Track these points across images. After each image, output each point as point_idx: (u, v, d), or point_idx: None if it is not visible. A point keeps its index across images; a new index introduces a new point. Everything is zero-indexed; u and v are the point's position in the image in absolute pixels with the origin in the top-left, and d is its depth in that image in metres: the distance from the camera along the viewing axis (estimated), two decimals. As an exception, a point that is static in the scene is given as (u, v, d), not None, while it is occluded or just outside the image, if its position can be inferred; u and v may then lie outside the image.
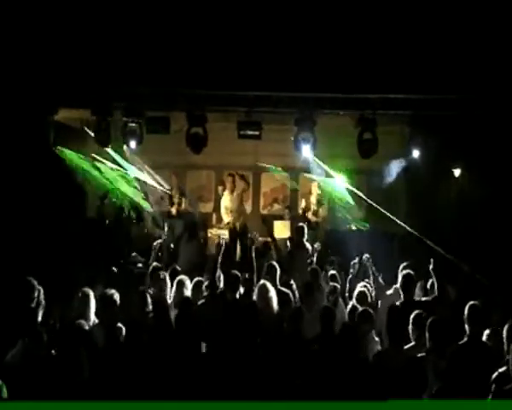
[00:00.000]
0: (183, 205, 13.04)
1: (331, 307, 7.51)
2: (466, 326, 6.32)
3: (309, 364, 6.14)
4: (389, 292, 8.24)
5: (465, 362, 5.92)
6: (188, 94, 10.61)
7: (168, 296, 8.11)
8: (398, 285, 7.95)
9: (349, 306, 7.84)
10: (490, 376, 5.53)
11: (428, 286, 8.22)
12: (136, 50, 9.97)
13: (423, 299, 7.82)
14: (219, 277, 8.20)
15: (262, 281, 8.03)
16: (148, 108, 11.06)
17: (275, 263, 8.89)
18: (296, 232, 11.04)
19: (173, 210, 12.88)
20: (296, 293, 8.44)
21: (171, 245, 10.90)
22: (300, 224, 11.26)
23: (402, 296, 7.70)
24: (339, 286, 8.70)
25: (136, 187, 13.17)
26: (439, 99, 10.29)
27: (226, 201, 13.13)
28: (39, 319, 6.88)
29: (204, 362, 6.05)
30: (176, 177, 13.43)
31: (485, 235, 10.91)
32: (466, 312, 6.38)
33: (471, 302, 6.48)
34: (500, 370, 5.57)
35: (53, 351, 6.06)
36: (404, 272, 7.87)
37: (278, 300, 7.71)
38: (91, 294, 7.13)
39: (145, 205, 13.17)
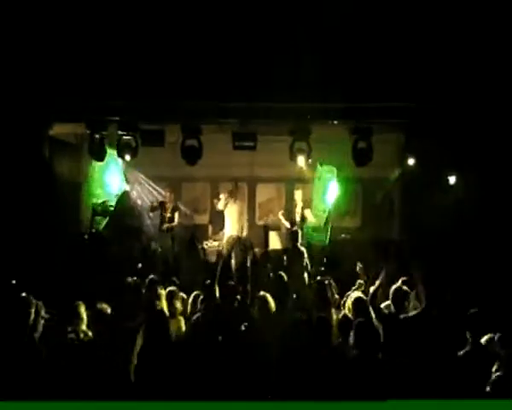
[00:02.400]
0: (176, 220, 13.01)
1: (326, 317, 7.47)
2: (467, 334, 6.33)
3: (307, 375, 6.11)
4: (382, 305, 8.20)
5: (471, 369, 5.94)
6: (182, 107, 10.60)
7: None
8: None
9: (341, 314, 7.79)
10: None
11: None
12: (130, 64, 9.99)
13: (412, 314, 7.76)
14: (215, 289, 8.16)
15: (262, 292, 7.98)
16: (143, 121, 11.09)
17: (283, 274, 8.86)
18: (291, 238, 11.02)
19: (165, 224, 12.88)
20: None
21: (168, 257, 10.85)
22: (295, 228, 11.24)
23: (393, 309, 7.69)
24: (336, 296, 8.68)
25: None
26: (433, 107, 10.30)
27: (233, 211, 12.97)
28: (38, 333, 6.85)
29: (200, 374, 6.01)
30: (171, 191, 13.36)
31: (482, 241, 10.90)
32: (467, 320, 6.39)
33: (472, 310, 6.48)
34: (497, 373, 5.62)
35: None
36: (394, 286, 7.88)
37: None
38: (83, 307, 7.12)
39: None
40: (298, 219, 12.89)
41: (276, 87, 9.94)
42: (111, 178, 13.11)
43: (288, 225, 12.80)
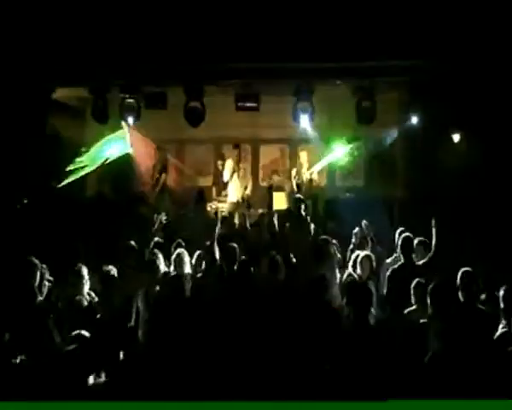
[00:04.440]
0: (162, 180, 12.95)
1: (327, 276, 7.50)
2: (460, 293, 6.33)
3: (312, 332, 6.16)
4: (388, 260, 8.24)
5: (461, 328, 5.95)
6: (184, 68, 10.57)
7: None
8: (397, 252, 7.97)
9: (345, 274, 7.83)
10: (486, 339, 5.61)
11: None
12: (132, 27, 9.93)
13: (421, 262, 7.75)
14: (216, 250, 8.21)
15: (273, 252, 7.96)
16: (145, 83, 11.07)
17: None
18: (293, 204, 11.03)
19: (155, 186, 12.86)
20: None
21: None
22: (298, 195, 11.26)
23: (402, 259, 7.71)
24: (339, 256, 8.68)
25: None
26: (437, 65, 10.23)
27: (229, 173, 13.02)
28: (42, 296, 6.92)
29: (204, 338, 6.06)
30: (158, 151, 13.28)
31: (485, 200, 10.91)
32: (459, 278, 6.38)
33: (464, 269, 6.46)
34: (502, 330, 5.66)
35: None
36: (403, 235, 7.89)
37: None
38: (85, 270, 7.16)
39: None
40: (305, 180, 12.88)
41: (277, 47, 9.88)
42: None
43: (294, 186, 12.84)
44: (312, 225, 10.58)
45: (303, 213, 10.61)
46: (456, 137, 11.94)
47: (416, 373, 5.24)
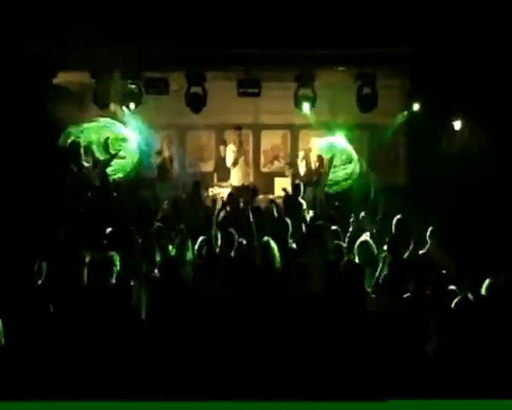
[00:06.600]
0: (171, 169, 12.93)
1: (336, 262, 7.49)
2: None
3: (313, 319, 6.19)
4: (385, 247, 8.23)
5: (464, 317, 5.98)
6: (186, 54, 10.56)
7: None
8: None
9: (344, 259, 7.83)
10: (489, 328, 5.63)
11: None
12: (133, 11, 9.90)
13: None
14: (216, 236, 8.20)
15: (266, 238, 7.96)
16: (147, 69, 11.07)
17: (287, 219, 8.84)
18: (292, 190, 11.03)
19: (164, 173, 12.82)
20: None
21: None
22: (297, 181, 11.25)
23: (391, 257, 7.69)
24: (343, 244, 8.67)
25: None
26: (439, 51, 10.22)
27: (232, 157, 13.07)
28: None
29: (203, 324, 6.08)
30: (168, 140, 13.24)
31: (486, 186, 10.91)
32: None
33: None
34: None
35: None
36: (393, 231, 7.92)
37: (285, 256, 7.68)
38: (89, 255, 7.11)
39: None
40: (313, 167, 12.84)
41: (279, 33, 9.86)
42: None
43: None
44: (311, 212, 10.60)
45: (300, 200, 10.60)
46: (458, 125, 11.92)
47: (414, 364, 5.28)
